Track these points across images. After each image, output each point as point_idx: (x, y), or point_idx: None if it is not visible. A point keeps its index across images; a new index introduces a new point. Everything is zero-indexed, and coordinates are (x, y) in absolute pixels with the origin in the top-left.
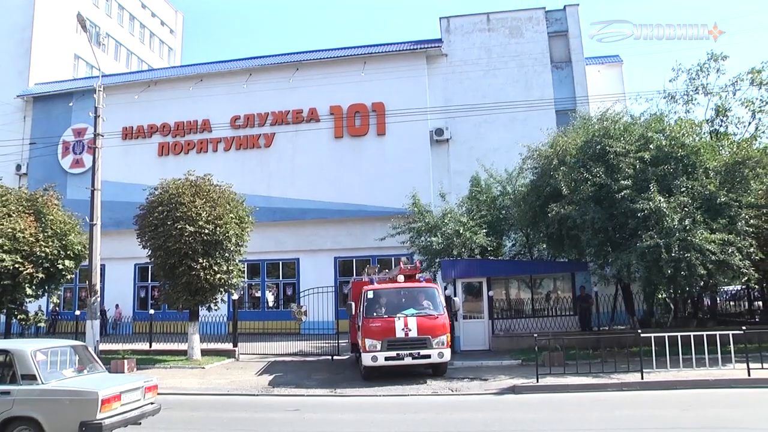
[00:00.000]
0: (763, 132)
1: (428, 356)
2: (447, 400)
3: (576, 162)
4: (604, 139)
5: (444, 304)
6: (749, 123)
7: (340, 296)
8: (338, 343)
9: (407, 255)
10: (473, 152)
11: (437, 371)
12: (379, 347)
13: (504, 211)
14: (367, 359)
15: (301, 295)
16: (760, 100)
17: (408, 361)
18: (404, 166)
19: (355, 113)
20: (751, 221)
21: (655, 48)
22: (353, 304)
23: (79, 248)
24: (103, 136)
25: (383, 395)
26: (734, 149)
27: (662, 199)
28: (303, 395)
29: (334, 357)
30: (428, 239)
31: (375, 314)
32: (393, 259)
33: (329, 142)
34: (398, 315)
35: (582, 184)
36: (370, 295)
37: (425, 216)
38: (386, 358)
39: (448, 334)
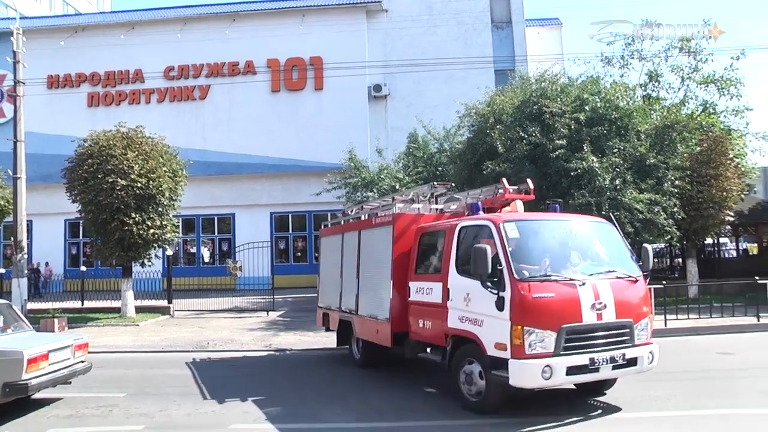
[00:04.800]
0: (691, 98)
1: (634, 360)
2: None
3: (512, 121)
4: (540, 100)
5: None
6: (679, 89)
7: (276, 251)
8: (274, 298)
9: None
10: (412, 109)
11: (599, 385)
12: (552, 344)
13: (441, 168)
14: (523, 373)
15: (237, 250)
16: (689, 67)
17: (606, 372)
18: (342, 122)
19: (293, 67)
20: (676, 182)
21: (595, 13)
22: (391, 252)
23: (2, 203)
24: (24, 83)
25: None
26: (664, 113)
27: (595, 159)
28: (238, 350)
29: (269, 312)
30: (364, 194)
31: (527, 275)
32: (329, 214)
33: (266, 95)
34: (577, 278)
35: (517, 143)
36: (514, 234)
37: (361, 171)
38: (570, 370)
39: (652, 315)
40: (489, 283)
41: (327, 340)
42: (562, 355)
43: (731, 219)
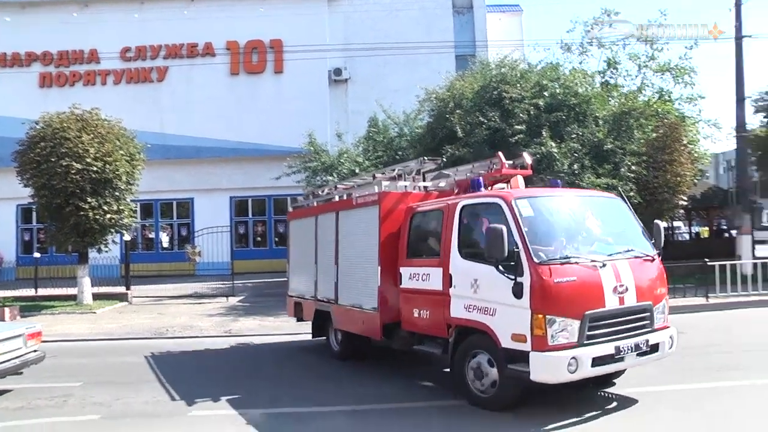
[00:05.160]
0: (648, 85)
1: (656, 347)
2: None
3: (472, 106)
4: (500, 85)
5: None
6: (636, 76)
7: (236, 235)
8: (233, 283)
9: None
10: (372, 93)
11: (608, 375)
12: (576, 333)
13: (400, 153)
14: (547, 367)
15: (196, 235)
16: (646, 55)
17: (630, 361)
18: (302, 105)
19: (253, 49)
20: (633, 167)
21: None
22: (378, 235)
23: None
24: None
25: None
26: (622, 100)
27: (554, 145)
28: (197, 336)
29: (229, 297)
30: (324, 179)
31: (545, 257)
32: (289, 198)
33: (225, 78)
34: (598, 259)
35: (477, 128)
36: (528, 212)
37: (321, 155)
38: (595, 361)
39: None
40: (504, 268)
41: (287, 325)
42: (586, 345)
43: (685, 203)
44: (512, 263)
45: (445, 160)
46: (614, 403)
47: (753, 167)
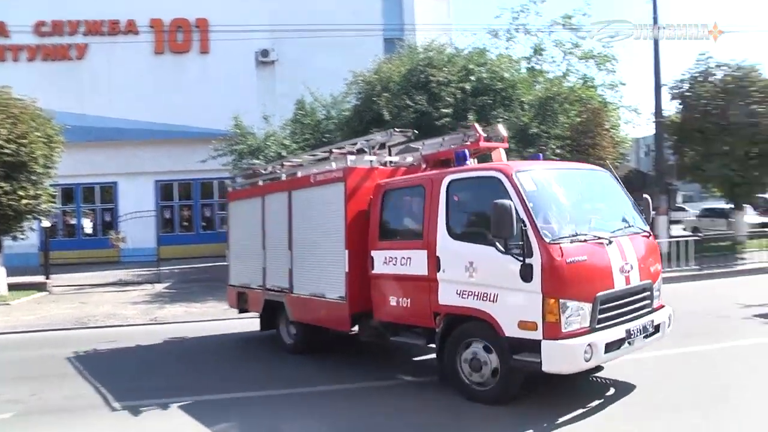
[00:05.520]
0: (572, 71)
1: (658, 327)
2: None
3: (399, 89)
4: (427, 69)
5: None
6: (561, 62)
7: (162, 220)
8: (160, 270)
9: None
10: (300, 75)
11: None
12: (588, 317)
13: (328, 135)
14: (563, 356)
15: (120, 220)
16: (571, 42)
17: (638, 344)
18: (228, 87)
19: (178, 28)
20: (557, 151)
21: None
22: (344, 215)
23: None
24: None
25: None
26: (547, 85)
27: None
28: (122, 325)
29: (155, 284)
30: (251, 162)
31: (553, 235)
32: (215, 182)
33: (149, 57)
34: (604, 237)
35: (404, 111)
36: (531, 186)
37: (248, 138)
38: (608, 347)
39: None
40: (514, 249)
41: (213, 311)
42: (597, 330)
43: None
44: (518, 243)
45: (417, 132)
46: (612, 390)
47: (669, 151)
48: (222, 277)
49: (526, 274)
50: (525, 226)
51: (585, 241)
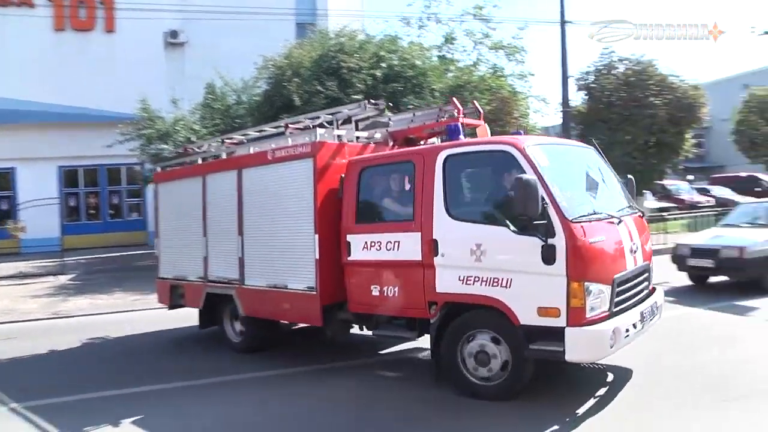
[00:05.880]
0: (483, 61)
1: (658, 308)
2: None
3: (310, 75)
4: (339, 54)
5: None
6: (472, 52)
7: (66, 208)
8: (64, 260)
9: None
10: (210, 58)
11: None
12: (607, 301)
13: (239, 120)
14: (590, 343)
15: (19, 209)
16: (481, 33)
17: (647, 327)
18: (135, 69)
19: (80, 3)
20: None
21: None
22: (313, 196)
23: None
24: None
25: None
26: (458, 74)
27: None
28: (20, 320)
29: (59, 275)
30: (159, 147)
31: (576, 214)
32: (123, 168)
33: (49, 34)
34: (615, 216)
35: (315, 97)
36: (544, 161)
37: (156, 122)
38: (627, 332)
39: None
40: (533, 229)
41: (123, 302)
42: (616, 315)
43: None
44: (537, 223)
45: (391, 104)
46: (611, 375)
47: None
48: (130, 267)
49: (548, 255)
50: (546, 203)
51: (599, 219)
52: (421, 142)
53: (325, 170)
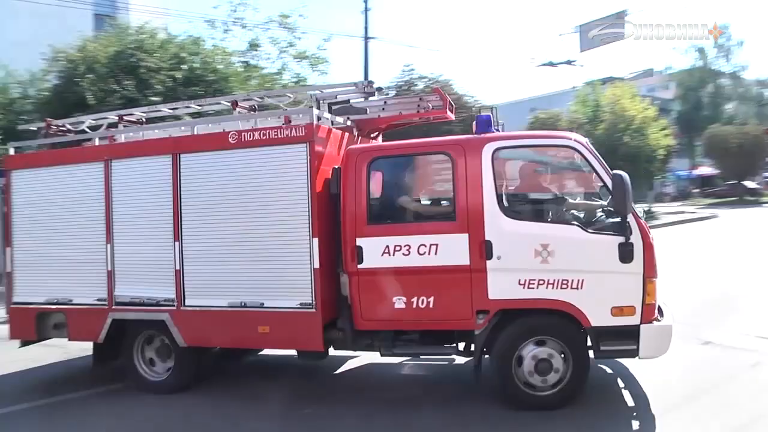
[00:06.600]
0: (287, 70)
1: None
2: None
3: (107, 72)
4: (137, 52)
5: None
6: (276, 60)
7: None
8: None
9: None
10: None
11: None
12: (656, 297)
13: (24, 117)
14: (662, 339)
15: None
16: (286, 41)
17: None
18: None
19: None
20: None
21: None
22: (308, 189)
23: None
24: None
25: None
26: (261, 81)
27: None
28: None
29: None
30: None
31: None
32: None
33: None
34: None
35: (110, 96)
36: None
37: None
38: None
39: None
40: (607, 228)
41: None
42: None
43: None
44: (608, 222)
45: (381, 88)
46: (621, 382)
47: None
48: None
49: (626, 254)
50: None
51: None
52: (372, 138)
53: (321, 159)
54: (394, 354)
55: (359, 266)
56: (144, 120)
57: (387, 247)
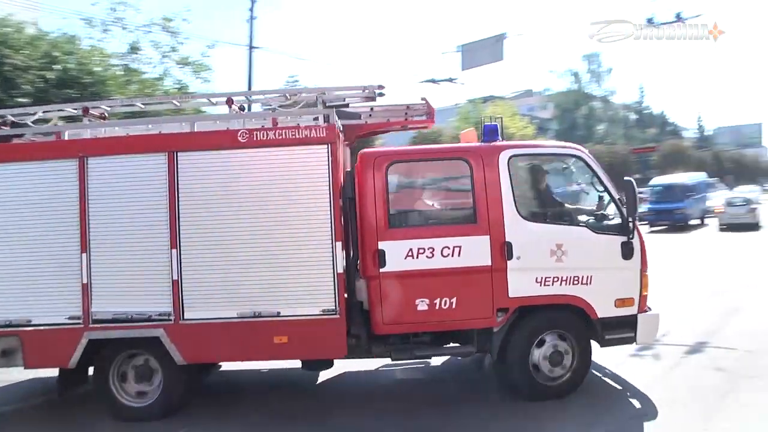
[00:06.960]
0: (169, 75)
1: None
2: None
3: None
4: (2, 48)
5: None
6: (158, 65)
7: None
8: None
9: None
10: None
11: None
12: None
13: None
14: (654, 326)
15: None
16: (169, 46)
17: None
18: None
19: None
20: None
21: None
22: (329, 190)
23: None
24: None
25: None
26: (141, 87)
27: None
28: None
29: None
30: None
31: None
32: None
33: None
34: None
35: None
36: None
37: None
38: None
39: None
40: (611, 228)
41: None
42: None
43: None
44: (610, 223)
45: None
46: (619, 379)
47: None
48: None
49: (627, 251)
50: (621, 204)
51: None
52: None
53: (338, 161)
54: (413, 357)
55: (381, 270)
56: (106, 115)
57: (411, 250)
